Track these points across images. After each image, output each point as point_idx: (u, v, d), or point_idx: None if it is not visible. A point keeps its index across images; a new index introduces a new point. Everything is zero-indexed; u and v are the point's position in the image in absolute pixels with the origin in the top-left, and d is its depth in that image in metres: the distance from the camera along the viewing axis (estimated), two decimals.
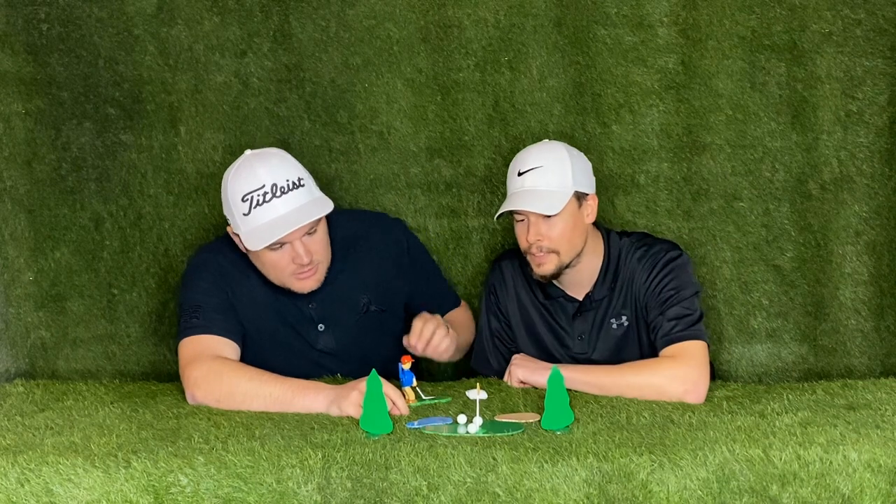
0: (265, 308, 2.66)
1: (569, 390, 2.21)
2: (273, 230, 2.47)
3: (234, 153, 3.10)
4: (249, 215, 2.49)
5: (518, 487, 1.87)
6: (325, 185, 3.07)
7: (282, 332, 2.68)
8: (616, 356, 2.66)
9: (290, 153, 3.11)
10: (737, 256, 3.11)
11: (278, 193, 2.49)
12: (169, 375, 2.99)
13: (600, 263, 2.68)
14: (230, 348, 2.56)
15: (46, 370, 3.02)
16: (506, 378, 2.60)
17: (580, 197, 2.62)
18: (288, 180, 2.51)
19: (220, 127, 3.11)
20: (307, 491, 1.88)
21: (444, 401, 2.41)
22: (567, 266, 2.62)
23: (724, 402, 2.32)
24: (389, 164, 3.14)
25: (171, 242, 3.10)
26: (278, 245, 2.50)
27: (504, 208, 2.60)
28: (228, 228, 2.60)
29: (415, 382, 2.44)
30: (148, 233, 3.09)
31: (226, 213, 2.58)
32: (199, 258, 2.71)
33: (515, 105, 3.13)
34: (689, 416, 2.18)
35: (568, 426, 2.12)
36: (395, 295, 2.79)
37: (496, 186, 3.15)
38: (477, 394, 2.25)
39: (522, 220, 2.60)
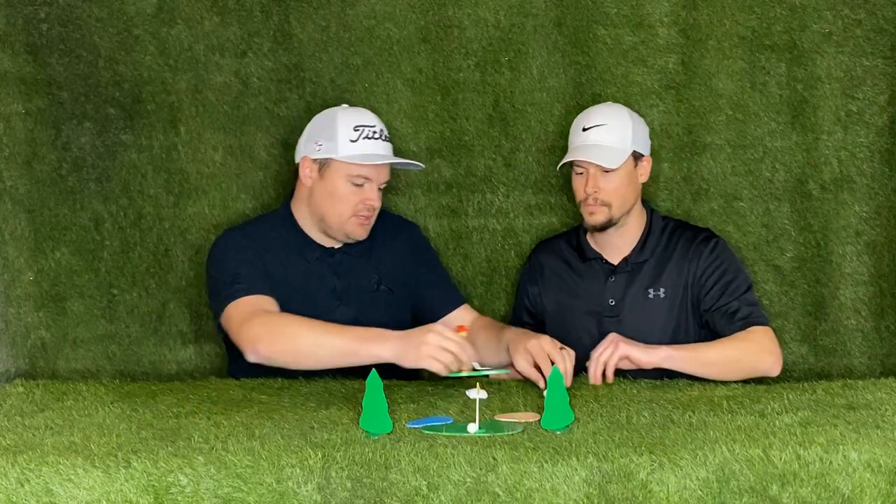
0: (295, 276, 2.71)
1: (568, 390, 2.21)
2: (379, 158, 2.67)
3: (234, 153, 3.11)
4: (357, 143, 2.67)
5: (518, 487, 1.87)
6: None
7: (306, 301, 2.70)
8: (644, 324, 2.78)
9: (290, 153, 3.12)
10: (737, 256, 3.10)
11: (384, 138, 2.73)
12: (169, 375, 3.00)
13: (641, 231, 2.83)
14: (276, 308, 2.59)
15: (46, 370, 3.02)
16: (599, 355, 2.54)
17: (637, 157, 2.79)
18: (387, 134, 2.76)
19: (220, 127, 3.11)
20: (307, 491, 1.88)
21: (499, 372, 2.45)
22: (615, 222, 2.77)
23: (724, 402, 2.31)
24: None
25: (171, 242, 3.10)
26: (362, 181, 2.67)
27: (569, 158, 2.75)
28: (303, 159, 2.72)
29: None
30: (148, 233, 3.09)
31: (318, 138, 2.70)
32: (225, 238, 2.77)
33: (515, 105, 3.14)
34: (689, 416, 2.18)
35: (568, 426, 2.12)
36: (403, 280, 2.86)
37: (496, 186, 3.15)
38: (477, 393, 2.25)
39: (581, 173, 2.77)
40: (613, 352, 2.54)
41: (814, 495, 1.88)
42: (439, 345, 2.33)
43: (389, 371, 2.70)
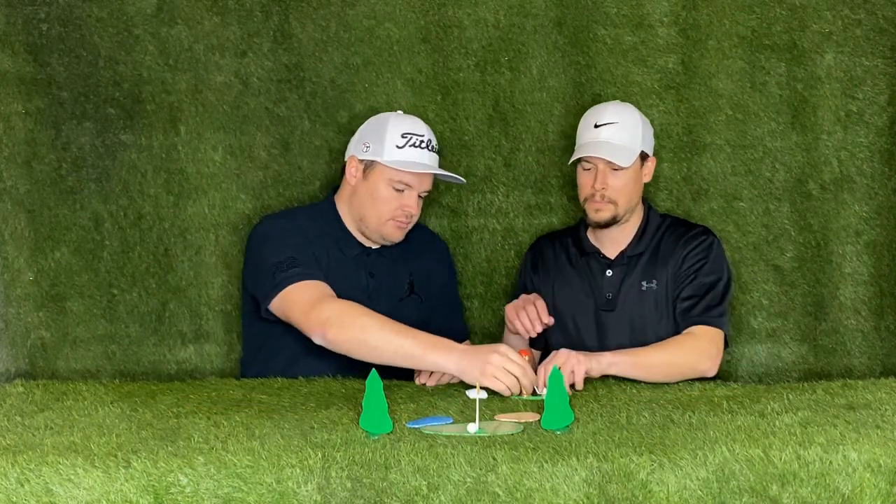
0: (331, 269, 2.74)
1: (570, 388, 2.21)
2: (422, 167, 2.74)
3: (234, 153, 3.11)
4: (403, 149, 2.73)
5: (518, 487, 1.87)
6: (326, 186, 3.08)
7: (339, 296, 2.71)
8: (640, 317, 2.81)
9: (290, 153, 3.13)
10: (737, 256, 3.11)
11: (431, 148, 2.78)
12: (169, 375, 3.00)
13: (638, 226, 2.87)
14: (334, 295, 2.63)
15: (46, 370, 3.02)
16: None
17: (644, 157, 2.82)
18: (436, 146, 2.81)
19: (220, 127, 3.11)
20: (307, 491, 1.88)
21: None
22: (619, 220, 2.80)
23: (724, 402, 2.31)
24: None
25: (171, 242, 3.10)
26: (402, 187, 2.74)
27: (582, 154, 2.76)
28: (350, 158, 2.79)
29: None
30: (148, 233, 3.09)
31: (367, 139, 2.77)
32: (271, 222, 2.82)
33: (515, 105, 3.14)
34: (689, 416, 2.18)
35: (568, 426, 2.12)
36: (432, 292, 2.92)
37: (496, 186, 3.15)
38: (477, 393, 2.25)
39: (590, 169, 2.79)
40: (575, 366, 2.49)
41: (814, 495, 1.88)
42: (503, 366, 2.36)
43: (389, 371, 2.71)
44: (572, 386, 2.50)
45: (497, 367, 2.35)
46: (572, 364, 2.50)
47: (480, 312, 3.15)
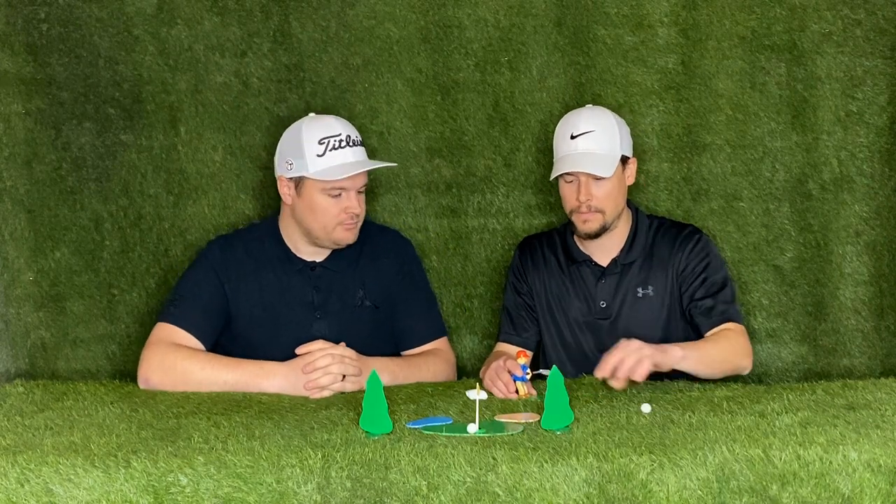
0: (270, 291, 2.76)
1: (568, 390, 2.21)
2: (349, 169, 2.68)
3: (234, 153, 3.11)
4: (324, 157, 2.68)
5: (518, 487, 1.87)
6: None
7: (282, 316, 2.76)
8: (637, 324, 2.77)
9: None
10: (737, 256, 3.11)
11: (351, 144, 2.72)
12: None
13: (628, 231, 2.83)
14: (193, 344, 2.69)
15: (46, 370, 3.02)
16: (628, 366, 2.39)
17: (624, 160, 2.77)
18: (357, 137, 2.76)
19: (220, 127, 3.11)
20: (307, 491, 1.88)
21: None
22: (608, 227, 2.76)
23: (724, 402, 2.32)
24: None
25: (171, 242, 3.10)
26: (337, 192, 2.69)
27: (562, 170, 2.71)
28: (279, 177, 2.76)
29: (528, 377, 2.45)
30: (148, 233, 3.10)
31: (288, 157, 2.73)
32: (209, 248, 2.85)
33: (515, 105, 3.14)
34: (689, 416, 2.18)
35: (568, 426, 2.12)
36: (388, 298, 2.84)
37: (496, 186, 3.15)
38: (477, 394, 2.25)
39: (572, 181, 2.73)
40: (636, 363, 2.38)
41: (814, 495, 1.88)
42: (319, 374, 2.54)
43: None
44: (633, 381, 2.39)
45: (314, 377, 2.53)
46: (636, 358, 2.37)
47: (480, 312, 3.15)
